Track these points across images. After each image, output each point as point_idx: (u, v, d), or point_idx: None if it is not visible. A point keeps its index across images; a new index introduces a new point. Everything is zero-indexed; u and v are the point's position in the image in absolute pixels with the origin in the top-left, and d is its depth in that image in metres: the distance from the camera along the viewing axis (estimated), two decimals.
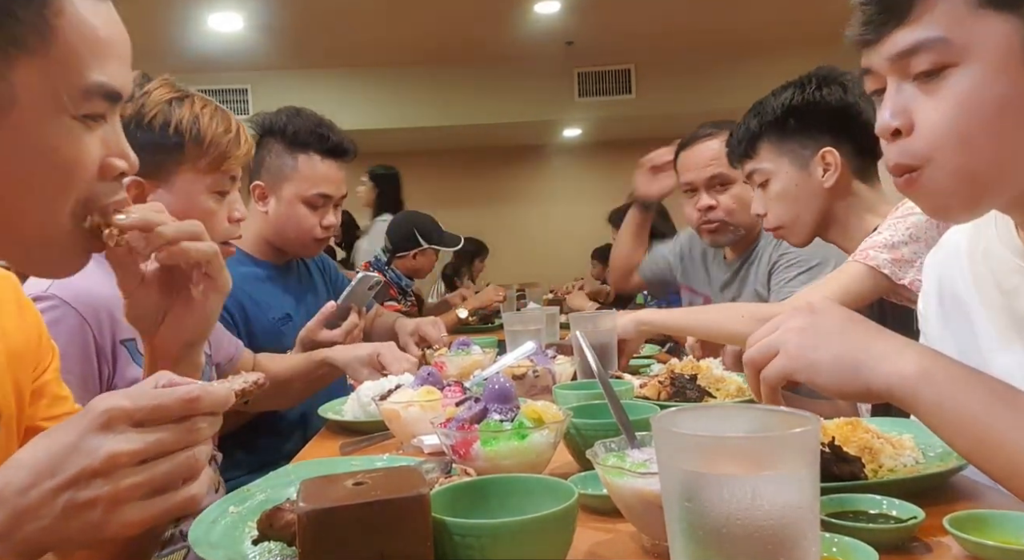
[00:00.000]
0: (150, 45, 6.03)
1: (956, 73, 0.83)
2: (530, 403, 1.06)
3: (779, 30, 6.45)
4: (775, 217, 1.72)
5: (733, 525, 0.54)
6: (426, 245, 3.80)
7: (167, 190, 1.35)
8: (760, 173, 1.73)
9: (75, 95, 0.73)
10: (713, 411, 0.75)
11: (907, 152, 0.88)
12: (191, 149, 1.35)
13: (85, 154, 0.76)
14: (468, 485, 0.83)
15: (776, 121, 1.69)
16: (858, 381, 0.82)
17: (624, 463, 0.85)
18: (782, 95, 1.70)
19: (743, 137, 1.75)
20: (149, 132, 1.32)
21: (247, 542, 0.84)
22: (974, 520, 0.76)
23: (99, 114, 0.76)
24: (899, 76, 0.88)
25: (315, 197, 2.06)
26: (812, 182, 1.66)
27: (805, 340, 0.85)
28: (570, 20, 6.43)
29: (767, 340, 0.88)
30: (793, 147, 1.68)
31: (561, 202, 9.31)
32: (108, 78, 0.75)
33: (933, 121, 0.85)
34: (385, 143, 8.40)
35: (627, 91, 7.54)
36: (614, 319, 1.90)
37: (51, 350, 1.00)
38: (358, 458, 1.21)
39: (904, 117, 0.88)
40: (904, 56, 0.86)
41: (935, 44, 0.83)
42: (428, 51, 6.96)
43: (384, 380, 1.54)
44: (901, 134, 0.88)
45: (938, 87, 0.85)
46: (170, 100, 1.35)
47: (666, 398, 1.44)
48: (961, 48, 0.83)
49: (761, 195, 1.74)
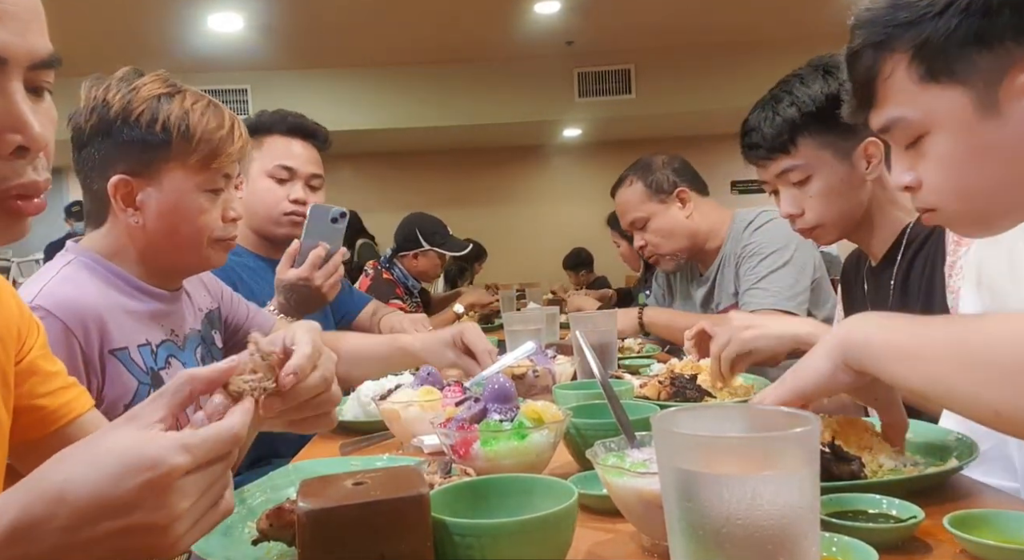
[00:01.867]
0: (150, 45, 6.04)
1: (929, 139, 0.93)
2: (530, 403, 1.06)
3: (779, 30, 6.45)
4: (816, 216, 1.59)
5: (733, 525, 0.54)
6: (427, 246, 3.80)
7: (156, 188, 1.32)
8: (799, 170, 1.59)
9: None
10: (713, 411, 0.75)
11: (921, 201, 0.99)
12: (179, 146, 1.31)
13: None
14: (468, 485, 0.83)
15: (817, 111, 1.55)
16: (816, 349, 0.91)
17: (624, 463, 0.85)
18: (813, 84, 1.57)
19: (779, 130, 1.59)
20: (136, 128, 1.29)
21: (247, 542, 0.84)
22: (974, 520, 0.76)
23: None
24: (894, 142, 0.99)
25: (277, 169, 2.07)
26: (856, 176, 1.55)
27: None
28: (570, 20, 6.43)
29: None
30: (834, 139, 1.56)
31: (561, 202, 9.31)
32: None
33: (930, 180, 0.95)
34: (385, 143, 8.43)
35: (627, 91, 7.54)
36: (614, 319, 1.91)
37: (35, 327, 0.98)
38: (358, 458, 1.21)
39: (912, 175, 0.97)
40: (883, 132, 0.98)
41: (898, 123, 0.95)
42: (428, 51, 6.97)
43: (384, 380, 1.54)
44: (912, 188, 0.98)
45: (922, 152, 0.95)
46: (159, 96, 1.31)
47: (666, 398, 1.44)
48: (923, 120, 0.93)
49: (796, 194, 1.61)
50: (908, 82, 0.91)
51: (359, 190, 8.47)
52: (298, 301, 1.81)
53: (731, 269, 2.34)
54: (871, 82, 0.95)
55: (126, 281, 1.33)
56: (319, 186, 2.15)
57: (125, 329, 1.27)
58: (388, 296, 3.55)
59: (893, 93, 0.94)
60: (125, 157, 1.29)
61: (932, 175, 0.94)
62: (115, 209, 1.31)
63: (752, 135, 1.65)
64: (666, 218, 2.43)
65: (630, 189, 2.47)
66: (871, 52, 0.94)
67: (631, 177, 2.48)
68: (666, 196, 2.42)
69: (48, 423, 0.94)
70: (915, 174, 0.96)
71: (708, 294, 2.45)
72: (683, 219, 2.42)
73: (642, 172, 2.46)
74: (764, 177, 1.67)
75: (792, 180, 1.60)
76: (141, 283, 1.34)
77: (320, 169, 2.16)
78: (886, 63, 0.93)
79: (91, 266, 1.31)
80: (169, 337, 1.36)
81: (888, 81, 0.93)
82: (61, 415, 0.95)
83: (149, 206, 1.31)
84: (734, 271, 2.32)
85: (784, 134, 1.58)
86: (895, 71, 0.92)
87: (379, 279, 3.74)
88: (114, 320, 1.25)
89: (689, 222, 2.42)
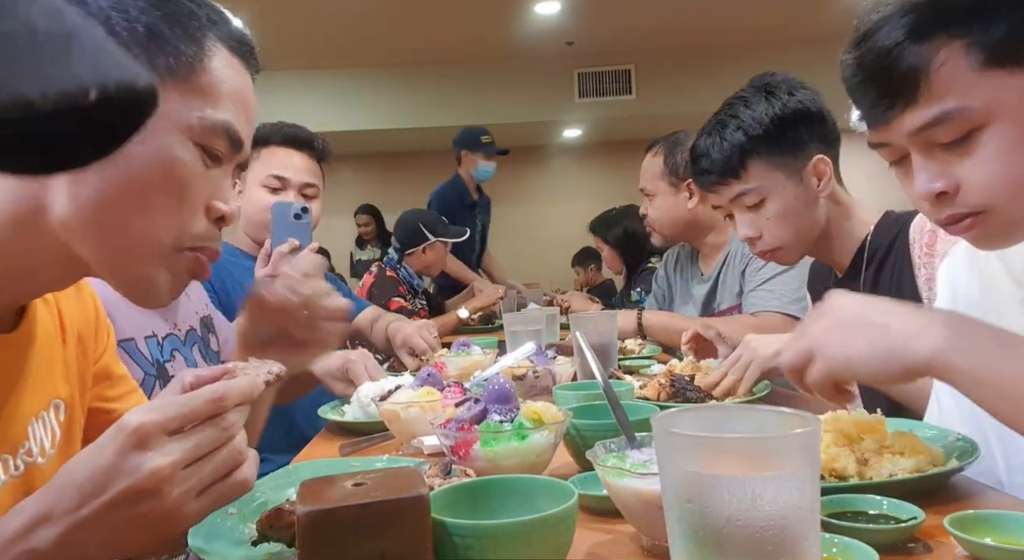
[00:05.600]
0: None
1: (986, 133, 0.85)
2: (530, 404, 1.06)
3: (779, 30, 6.46)
4: (774, 238, 1.57)
5: (733, 526, 0.54)
6: (433, 238, 3.80)
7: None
8: (753, 194, 1.56)
9: (204, 121, 0.77)
10: (713, 411, 0.75)
11: (960, 206, 0.90)
12: None
13: (197, 182, 0.78)
14: (468, 486, 0.83)
15: (765, 133, 1.54)
16: (894, 366, 0.82)
17: (624, 464, 0.85)
18: (757, 106, 1.56)
19: (728, 155, 1.57)
20: None
21: (247, 543, 0.84)
22: (974, 520, 0.76)
23: (218, 153, 0.80)
24: (921, 146, 0.90)
25: (269, 178, 2.09)
26: (809, 193, 1.54)
27: (833, 338, 0.87)
28: (570, 20, 6.44)
29: (798, 346, 0.90)
30: (785, 160, 1.55)
31: (561, 202, 9.31)
32: (238, 125, 0.80)
33: (979, 178, 0.87)
34: (385, 143, 8.43)
35: (627, 92, 7.54)
36: (614, 320, 1.91)
37: (107, 328, 1.02)
38: (358, 459, 1.21)
39: (947, 179, 0.89)
40: (924, 130, 0.88)
41: (955, 115, 0.85)
42: (428, 51, 6.98)
43: (384, 380, 1.54)
44: (947, 195, 0.90)
45: (972, 148, 0.86)
46: None
47: (666, 399, 1.44)
48: (982, 111, 0.84)
49: (752, 217, 1.58)
50: (967, 70, 0.84)
51: (359, 190, 8.47)
52: None
53: (736, 269, 2.34)
54: (916, 77, 0.86)
55: None
56: (313, 195, 2.14)
57: (132, 320, 1.28)
58: (391, 294, 3.54)
59: (947, 84, 0.85)
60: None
61: (985, 170, 0.86)
62: None
63: (702, 161, 1.63)
64: (669, 201, 2.47)
65: (653, 160, 2.51)
66: (912, 44, 0.86)
67: (660, 147, 2.52)
68: (678, 181, 2.44)
69: None
70: (950, 179, 0.89)
71: (710, 293, 2.45)
72: (684, 208, 2.44)
73: (669, 148, 2.48)
74: (717, 202, 1.65)
75: (747, 204, 1.58)
76: None
77: (315, 178, 2.16)
78: (938, 54, 0.85)
79: None
80: (173, 331, 1.38)
81: (939, 72, 0.85)
82: None
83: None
84: (739, 271, 2.32)
85: (734, 159, 1.57)
86: (948, 60, 0.84)
87: (382, 276, 3.72)
88: (121, 312, 1.26)
89: (688, 213, 2.43)
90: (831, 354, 0.86)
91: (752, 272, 2.25)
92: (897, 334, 0.82)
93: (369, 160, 8.86)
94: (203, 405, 0.66)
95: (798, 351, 0.89)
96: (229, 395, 0.68)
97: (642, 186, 2.55)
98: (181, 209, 0.77)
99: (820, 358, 0.87)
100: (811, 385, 0.89)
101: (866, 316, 0.86)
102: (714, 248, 2.46)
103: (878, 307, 0.87)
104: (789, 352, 0.91)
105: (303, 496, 0.71)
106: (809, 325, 0.90)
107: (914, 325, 0.83)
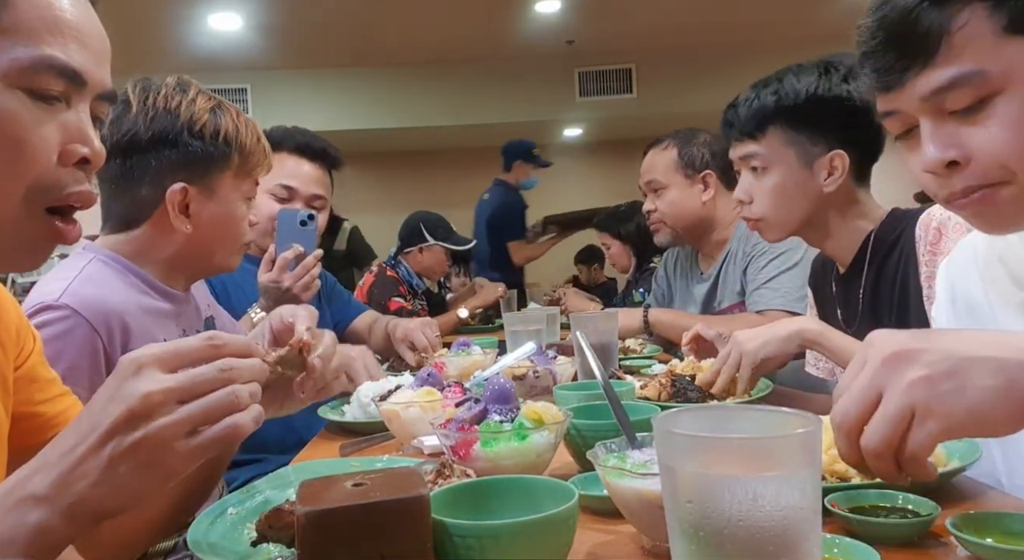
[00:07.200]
0: (150, 45, 6.03)
1: (1002, 100, 0.83)
2: (530, 404, 1.06)
3: (779, 30, 6.45)
4: (761, 208, 1.58)
5: (734, 526, 0.54)
6: (431, 241, 3.80)
7: (209, 197, 1.37)
8: (760, 158, 1.56)
9: (24, 65, 0.71)
10: (714, 411, 0.75)
11: (976, 176, 0.86)
12: (234, 158, 1.39)
13: (37, 135, 0.73)
14: (468, 486, 0.82)
15: (794, 107, 1.51)
16: (1020, 404, 0.67)
17: (624, 464, 0.85)
18: (805, 78, 1.52)
19: (753, 113, 1.56)
20: (200, 140, 1.34)
21: (246, 544, 0.84)
22: (974, 520, 0.76)
23: (54, 94, 0.74)
24: (932, 113, 0.88)
25: (277, 187, 2.09)
26: (812, 184, 1.52)
27: (942, 387, 0.67)
28: (570, 19, 6.43)
29: (889, 411, 0.68)
30: (803, 141, 1.52)
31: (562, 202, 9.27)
32: (65, 56, 0.73)
33: (993, 147, 0.84)
34: (385, 143, 8.42)
35: (628, 90, 7.53)
36: (615, 319, 1.90)
37: (32, 334, 0.99)
38: (358, 459, 1.21)
39: (958, 149, 0.86)
40: (937, 94, 0.85)
41: (972, 79, 0.83)
42: (428, 51, 6.97)
43: (384, 380, 1.54)
44: (959, 165, 0.86)
45: (986, 116, 0.84)
46: (212, 108, 1.37)
47: (667, 399, 1.44)
48: (1000, 76, 0.82)
49: (752, 181, 1.59)
50: (989, 34, 0.82)
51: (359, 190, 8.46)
52: (274, 303, 1.82)
53: (737, 267, 2.33)
54: (935, 38, 0.84)
55: (143, 280, 1.36)
56: (321, 207, 2.13)
57: (145, 327, 1.29)
58: (391, 293, 3.54)
59: (968, 47, 0.83)
60: (187, 166, 1.35)
61: (1001, 138, 0.83)
62: (165, 215, 1.35)
63: (730, 112, 1.62)
64: (683, 194, 2.44)
65: (663, 153, 2.49)
66: (931, 8, 0.84)
67: (670, 142, 2.49)
68: (693, 173, 2.44)
69: (45, 429, 0.95)
70: (963, 148, 0.85)
71: (710, 292, 2.44)
72: (698, 202, 2.43)
73: (682, 142, 2.47)
74: (732, 156, 1.65)
75: (749, 165, 1.59)
76: (157, 282, 1.38)
77: (323, 189, 2.15)
78: (959, 14, 0.82)
79: (111, 265, 1.34)
80: (182, 336, 1.38)
81: (961, 34, 0.83)
82: (58, 422, 0.96)
83: (201, 214, 1.37)
84: (740, 270, 2.31)
85: (757, 119, 1.55)
86: (970, 22, 0.82)
87: (382, 275, 3.73)
88: (135, 319, 1.27)
89: (702, 207, 2.43)
90: (947, 410, 0.67)
91: (755, 271, 2.25)
92: (1009, 366, 0.66)
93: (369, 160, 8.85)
94: (197, 342, 0.67)
95: (893, 417, 0.68)
96: (227, 341, 0.68)
97: (650, 179, 2.50)
98: (22, 161, 0.73)
99: (933, 417, 0.67)
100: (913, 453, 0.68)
101: (969, 349, 0.69)
102: (715, 247, 2.46)
103: (975, 337, 0.71)
104: (878, 425, 0.69)
105: (303, 496, 0.71)
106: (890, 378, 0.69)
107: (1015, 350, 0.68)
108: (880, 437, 0.69)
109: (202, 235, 1.37)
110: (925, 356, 0.69)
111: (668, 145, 2.49)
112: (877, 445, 0.69)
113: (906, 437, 0.68)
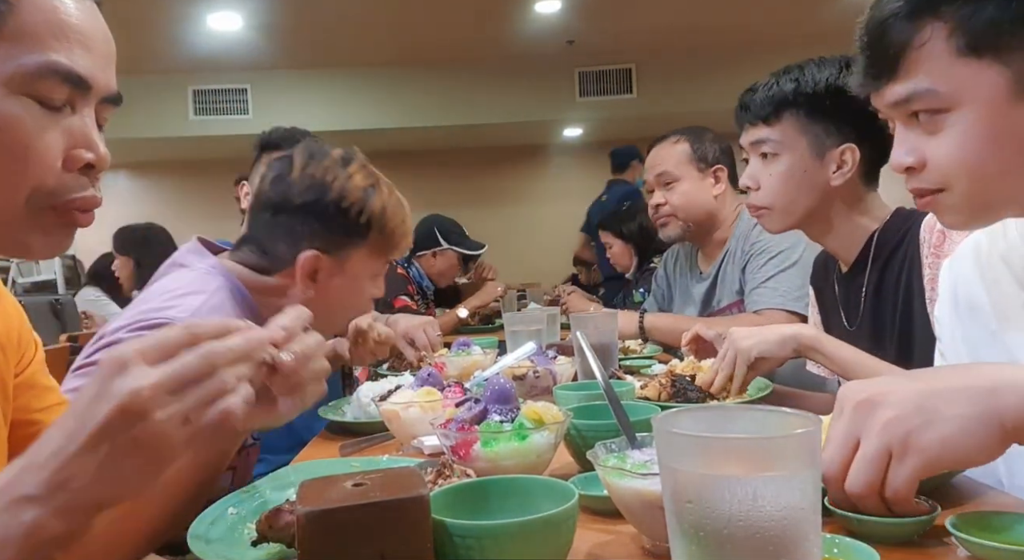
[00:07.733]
0: (150, 45, 6.04)
1: (951, 116, 0.90)
2: (530, 404, 1.06)
3: (779, 30, 6.45)
4: (767, 195, 1.58)
5: (734, 526, 0.54)
6: (445, 245, 3.80)
7: (339, 270, 1.40)
8: (771, 144, 1.55)
9: (29, 71, 0.72)
10: (714, 412, 0.75)
11: (923, 181, 0.96)
12: (373, 237, 1.42)
13: (41, 141, 0.74)
14: (468, 486, 0.83)
15: (813, 95, 1.51)
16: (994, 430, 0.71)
17: (625, 464, 0.85)
18: (827, 69, 1.52)
19: (770, 98, 1.55)
20: (346, 216, 1.38)
21: (247, 544, 0.84)
22: (974, 520, 0.76)
23: (59, 100, 0.75)
24: (903, 118, 0.95)
25: None
26: (821, 175, 1.52)
27: (912, 423, 0.71)
28: (571, 19, 6.44)
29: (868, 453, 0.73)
30: (817, 131, 1.52)
31: (562, 202, 9.30)
32: (69, 62, 0.74)
33: (940, 158, 0.92)
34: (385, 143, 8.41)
35: (628, 91, 7.54)
36: (615, 320, 1.90)
37: (33, 342, 0.98)
38: (358, 459, 1.21)
39: (916, 155, 0.94)
40: (898, 105, 0.94)
41: (924, 95, 0.90)
42: (428, 51, 6.98)
43: (384, 381, 1.54)
44: (914, 169, 0.95)
45: (939, 128, 0.91)
46: (366, 187, 1.41)
47: (667, 399, 1.44)
48: (951, 95, 0.89)
49: (760, 167, 1.58)
50: (945, 54, 0.87)
51: None
52: None
53: (736, 266, 2.34)
54: (899, 51, 0.90)
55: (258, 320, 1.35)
56: None
57: None
58: (398, 291, 3.53)
59: (925, 63, 0.89)
60: (325, 236, 1.38)
61: (946, 151, 0.91)
62: (293, 275, 1.38)
63: (747, 96, 1.62)
64: (696, 186, 2.44)
65: (674, 147, 2.48)
66: (903, 21, 0.89)
67: (679, 136, 2.49)
68: (706, 167, 2.44)
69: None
70: (919, 155, 0.93)
71: (709, 291, 2.45)
72: (710, 195, 2.43)
73: (693, 137, 2.47)
74: (743, 141, 1.64)
75: (759, 150, 1.58)
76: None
77: None
78: (923, 31, 0.88)
79: (236, 298, 1.37)
80: None
81: (921, 50, 0.88)
82: None
83: (326, 283, 1.40)
84: (739, 268, 2.31)
85: (773, 104, 1.55)
86: (932, 40, 0.88)
87: (392, 273, 3.71)
88: None
89: (713, 201, 2.43)
90: (922, 444, 0.70)
91: (754, 270, 2.25)
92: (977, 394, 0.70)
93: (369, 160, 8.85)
94: (178, 334, 0.66)
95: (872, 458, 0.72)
96: (204, 326, 0.67)
97: (661, 171, 2.46)
98: (26, 167, 0.74)
99: (908, 454, 0.71)
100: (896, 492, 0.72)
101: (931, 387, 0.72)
102: (716, 246, 2.45)
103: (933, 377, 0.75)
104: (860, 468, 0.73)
105: (303, 496, 0.71)
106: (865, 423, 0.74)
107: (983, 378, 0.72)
108: (861, 480, 0.73)
109: (320, 300, 1.38)
110: (892, 397, 0.73)
111: (678, 139, 2.48)
112: (860, 488, 0.74)
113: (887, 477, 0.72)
